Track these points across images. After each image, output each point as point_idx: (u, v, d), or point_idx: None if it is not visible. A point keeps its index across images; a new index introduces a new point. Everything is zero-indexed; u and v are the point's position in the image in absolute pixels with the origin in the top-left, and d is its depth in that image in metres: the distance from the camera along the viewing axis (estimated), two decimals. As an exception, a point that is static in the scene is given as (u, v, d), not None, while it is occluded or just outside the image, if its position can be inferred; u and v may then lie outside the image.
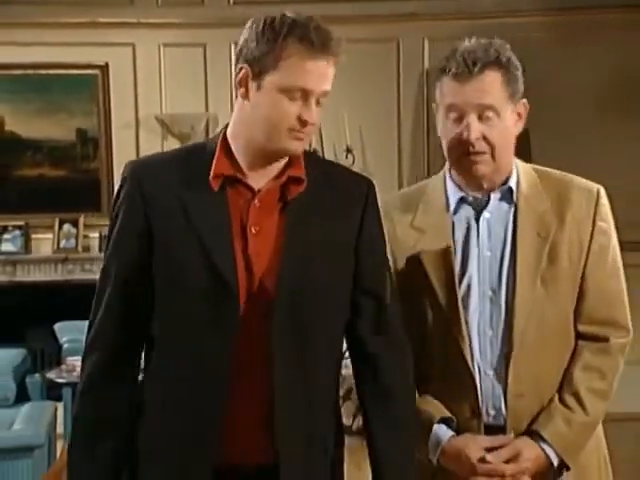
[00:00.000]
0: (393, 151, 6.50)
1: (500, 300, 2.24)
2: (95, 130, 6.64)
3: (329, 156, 6.41)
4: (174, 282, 2.00)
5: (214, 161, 2.01)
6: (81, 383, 2.08)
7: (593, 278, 2.27)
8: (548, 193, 2.28)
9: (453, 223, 2.28)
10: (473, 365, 2.22)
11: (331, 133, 6.40)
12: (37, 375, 5.69)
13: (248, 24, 2.00)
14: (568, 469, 2.22)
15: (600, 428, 2.34)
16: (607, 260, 2.30)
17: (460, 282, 2.25)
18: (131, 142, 6.59)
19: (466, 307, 2.24)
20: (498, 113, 2.18)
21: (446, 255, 2.25)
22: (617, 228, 2.24)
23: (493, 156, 2.21)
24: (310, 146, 6.32)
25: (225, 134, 2.05)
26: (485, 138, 2.18)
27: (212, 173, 2.00)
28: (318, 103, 1.98)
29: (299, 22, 1.95)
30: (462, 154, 2.20)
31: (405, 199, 2.38)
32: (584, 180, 2.35)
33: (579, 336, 2.27)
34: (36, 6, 6.38)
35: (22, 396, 5.45)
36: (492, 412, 2.24)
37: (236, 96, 2.04)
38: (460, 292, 2.24)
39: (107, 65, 6.52)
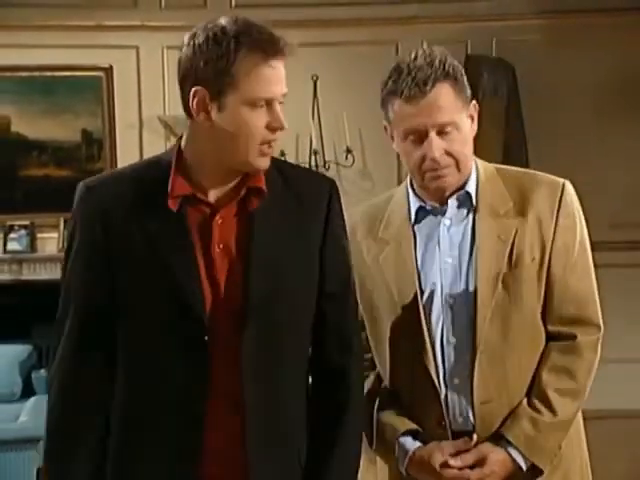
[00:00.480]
0: (392, 151, 6.47)
1: (462, 307, 2.19)
2: (100, 131, 6.67)
3: (329, 156, 6.48)
4: (137, 305, 1.94)
5: (170, 181, 1.92)
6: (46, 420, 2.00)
7: (559, 277, 2.21)
8: (510, 193, 2.24)
9: (415, 233, 2.25)
10: (437, 375, 2.19)
11: (331, 134, 6.45)
12: (42, 370, 5.74)
13: (186, 41, 1.88)
14: (542, 473, 2.17)
15: (581, 430, 2.32)
16: (573, 257, 2.23)
17: (422, 292, 2.21)
18: (135, 143, 6.62)
19: (429, 316, 2.20)
20: (456, 126, 2.16)
21: (407, 266, 2.22)
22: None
23: (458, 167, 2.19)
24: (311, 146, 6.40)
25: (180, 152, 1.96)
26: (448, 152, 2.16)
27: (170, 194, 1.91)
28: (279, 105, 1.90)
29: (243, 31, 1.86)
30: (428, 171, 2.17)
31: (371, 212, 2.34)
32: (549, 176, 2.29)
33: (549, 336, 2.23)
34: (41, 9, 6.42)
35: (28, 391, 5.52)
36: (460, 420, 2.21)
37: (189, 116, 1.92)
38: (422, 302, 2.20)
39: (111, 67, 6.56)
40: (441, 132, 2.14)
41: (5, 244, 6.60)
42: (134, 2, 6.56)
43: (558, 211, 2.22)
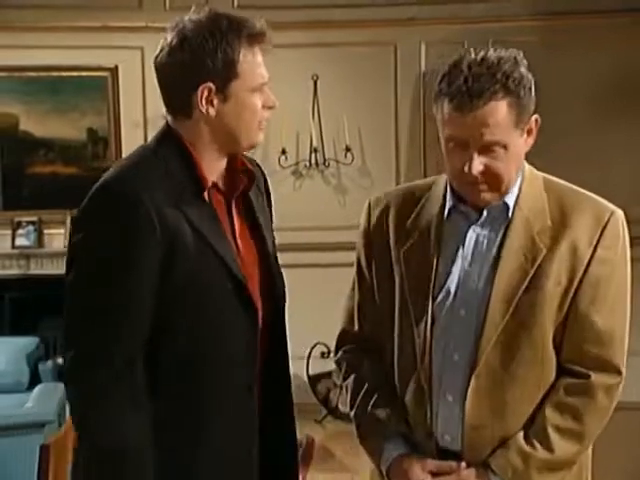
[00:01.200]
0: (391, 150, 6.59)
1: (471, 321, 2.03)
2: (105, 130, 6.75)
3: (329, 154, 6.58)
4: (195, 295, 1.97)
5: (201, 173, 1.99)
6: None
7: (582, 311, 2.02)
8: (551, 211, 2.04)
9: (443, 233, 2.08)
10: (430, 386, 2.06)
11: (331, 132, 6.55)
12: (49, 362, 5.83)
13: (173, 44, 1.92)
14: None
15: (588, 464, 2.14)
16: (606, 293, 2.03)
17: (435, 296, 2.06)
18: (139, 141, 6.52)
19: (435, 324, 2.05)
20: (504, 145, 1.95)
21: (428, 266, 2.06)
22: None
23: (498, 186, 2.00)
24: (311, 144, 6.52)
25: (186, 147, 2.01)
26: (488, 169, 1.96)
27: (204, 186, 1.98)
28: None
29: (235, 24, 1.94)
30: (465, 183, 2.00)
31: (408, 195, 2.17)
32: (599, 201, 2.08)
33: (561, 371, 2.05)
34: (48, 11, 6.50)
35: (35, 381, 5.58)
36: (448, 438, 2.07)
37: (186, 114, 2.00)
38: (433, 306, 2.05)
39: (117, 67, 6.64)
40: (485, 149, 1.95)
41: (13, 240, 6.69)
42: (139, 3, 6.64)
43: (598, 241, 2.02)
